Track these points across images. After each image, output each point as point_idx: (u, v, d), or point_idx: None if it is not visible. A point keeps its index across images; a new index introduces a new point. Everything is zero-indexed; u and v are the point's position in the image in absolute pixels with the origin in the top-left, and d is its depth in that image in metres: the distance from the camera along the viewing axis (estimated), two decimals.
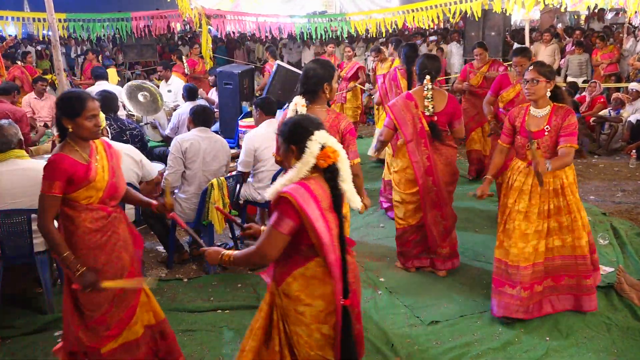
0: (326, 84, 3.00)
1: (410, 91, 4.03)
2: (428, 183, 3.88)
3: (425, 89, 3.82)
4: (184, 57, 9.91)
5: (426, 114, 3.82)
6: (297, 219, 2.03)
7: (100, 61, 10.32)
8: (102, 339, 2.60)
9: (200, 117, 4.25)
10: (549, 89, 3.21)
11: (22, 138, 3.56)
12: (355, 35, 13.82)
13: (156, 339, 2.81)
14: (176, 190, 4.23)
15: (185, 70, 9.54)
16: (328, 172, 2.09)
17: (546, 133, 3.22)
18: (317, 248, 2.09)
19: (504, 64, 6.32)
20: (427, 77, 3.81)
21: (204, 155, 4.15)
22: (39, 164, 3.58)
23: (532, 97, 3.23)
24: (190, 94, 6.13)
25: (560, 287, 3.40)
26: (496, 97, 5.08)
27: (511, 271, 3.30)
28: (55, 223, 2.55)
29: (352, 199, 2.15)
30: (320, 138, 2.08)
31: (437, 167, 3.87)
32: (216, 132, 5.65)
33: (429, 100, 3.80)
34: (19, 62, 10.18)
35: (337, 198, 2.11)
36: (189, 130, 4.40)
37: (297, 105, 2.99)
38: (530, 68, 3.23)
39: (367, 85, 9.97)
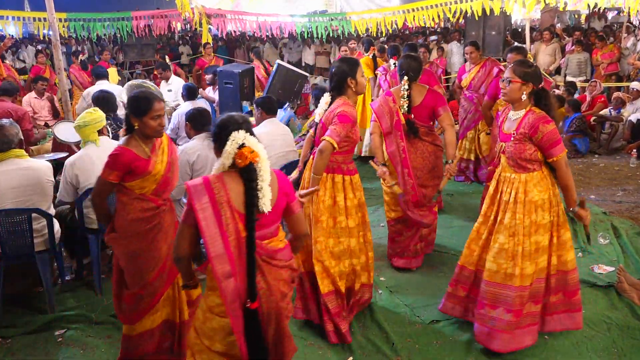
0: (349, 78, 3.15)
1: (391, 89, 4.22)
2: (404, 176, 3.99)
3: (402, 88, 3.96)
4: (167, 57, 9.84)
5: (401, 112, 3.96)
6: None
7: (79, 62, 10.30)
8: (128, 318, 2.82)
9: (199, 122, 4.10)
10: (525, 92, 2.90)
11: (23, 138, 3.56)
12: (355, 35, 13.81)
13: (174, 335, 2.94)
14: (182, 197, 4.19)
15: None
16: (244, 172, 2.14)
17: (512, 138, 2.94)
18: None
19: (501, 64, 6.16)
20: (405, 77, 3.94)
21: (212, 164, 4.02)
22: (39, 163, 3.60)
23: (506, 98, 3.00)
24: (189, 93, 6.12)
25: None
26: (494, 100, 5.04)
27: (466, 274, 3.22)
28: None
29: (263, 201, 2.13)
30: (238, 138, 2.14)
31: (412, 161, 3.98)
32: None
33: (405, 99, 3.95)
34: (6, 61, 10.18)
35: (250, 197, 2.12)
36: (188, 135, 4.24)
37: (322, 101, 3.28)
38: (509, 66, 3.02)
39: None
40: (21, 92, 8.26)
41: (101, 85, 6.53)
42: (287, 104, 6.42)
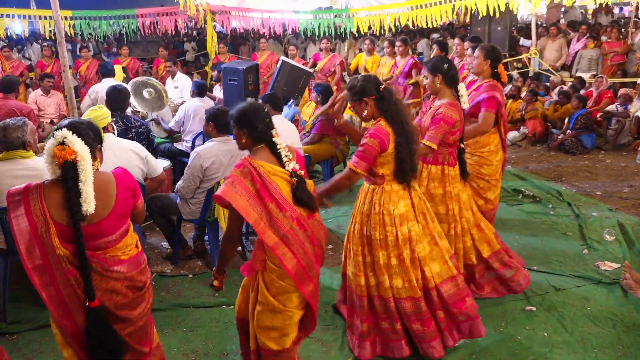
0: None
1: None
2: None
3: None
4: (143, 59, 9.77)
5: None
6: None
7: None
8: None
9: (223, 122, 3.96)
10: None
11: (29, 140, 3.49)
12: (357, 33, 13.76)
13: None
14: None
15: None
16: (63, 170, 2.04)
17: None
18: None
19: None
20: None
21: (224, 171, 3.98)
22: (42, 163, 3.58)
23: None
24: (200, 90, 6.11)
25: None
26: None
27: None
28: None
29: (87, 201, 2.02)
30: (58, 135, 2.04)
31: None
32: None
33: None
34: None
35: (70, 199, 2.01)
36: (206, 134, 4.12)
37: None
38: None
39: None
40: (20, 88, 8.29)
41: (107, 83, 6.52)
42: (292, 100, 6.42)
